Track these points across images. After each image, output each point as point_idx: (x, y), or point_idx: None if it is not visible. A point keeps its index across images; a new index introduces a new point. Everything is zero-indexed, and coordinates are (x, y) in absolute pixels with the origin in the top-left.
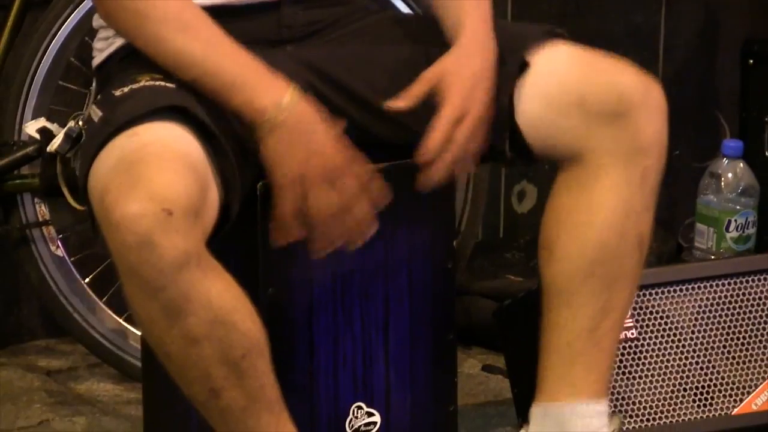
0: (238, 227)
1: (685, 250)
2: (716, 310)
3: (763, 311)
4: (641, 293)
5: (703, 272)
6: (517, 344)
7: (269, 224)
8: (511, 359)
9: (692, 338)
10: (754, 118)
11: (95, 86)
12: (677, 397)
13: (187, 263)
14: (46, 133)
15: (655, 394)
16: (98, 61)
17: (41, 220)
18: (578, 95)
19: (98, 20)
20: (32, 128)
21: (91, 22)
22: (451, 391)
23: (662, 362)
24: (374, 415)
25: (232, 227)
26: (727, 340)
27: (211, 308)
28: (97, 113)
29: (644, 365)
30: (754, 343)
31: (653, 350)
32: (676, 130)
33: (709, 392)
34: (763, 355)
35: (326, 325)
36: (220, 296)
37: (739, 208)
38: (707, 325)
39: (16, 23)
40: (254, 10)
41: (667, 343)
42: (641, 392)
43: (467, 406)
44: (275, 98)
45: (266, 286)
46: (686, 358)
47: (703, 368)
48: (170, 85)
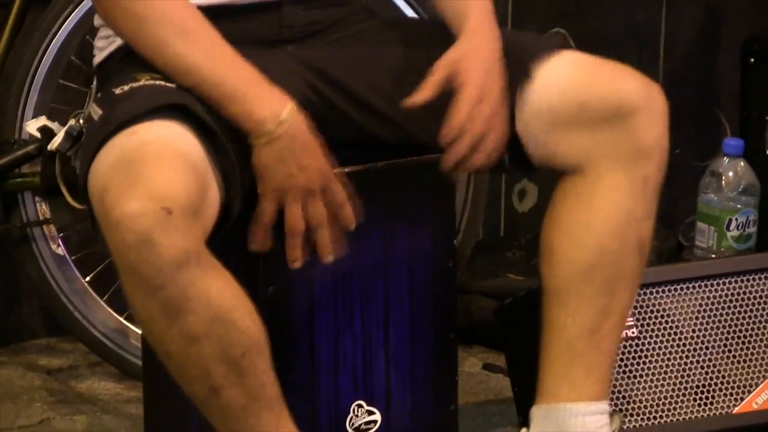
0: (239, 226)
1: (685, 248)
2: (717, 309)
3: (763, 310)
4: (642, 292)
5: (703, 271)
6: (517, 343)
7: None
8: (511, 358)
9: (693, 337)
10: (754, 116)
11: (96, 84)
12: (678, 395)
13: (186, 262)
14: (46, 131)
15: (655, 392)
16: (99, 59)
17: (42, 218)
18: (579, 104)
19: (99, 19)
20: (33, 127)
21: (91, 20)
22: (451, 389)
23: (663, 361)
24: (374, 413)
25: (233, 226)
26: (727, 339)
27: (210, 307)
28: (97, 112)
29: (645, 364)
30: (754, 342)
31: (654, 349)
32: (676, 128)
33: (709, 391)
34: (763, 354)
35: (327, 323)
36: (219, 294)
37: (739, 206)
38: (708, 323)
39: (16, 22)
40: (255, 9)
41: (667, 341)
42: (642, 391)
43: (468, 404)
44: (275, 111)
45: (267, 284)
46: (687, 356)
47: (703, 367)
48: (170, 84)
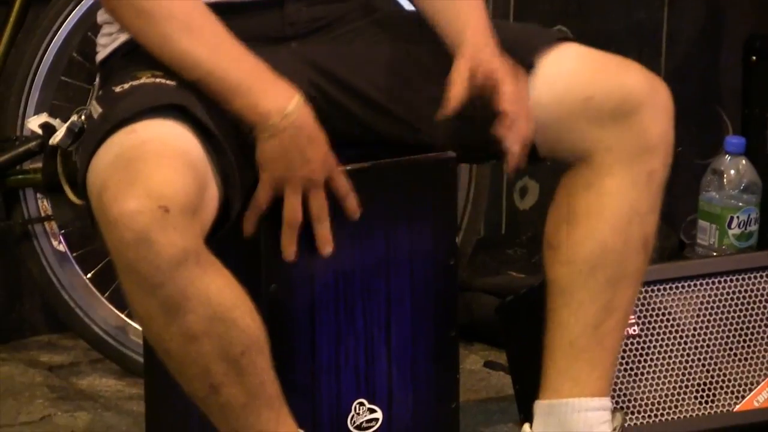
0: (240, 224)
1: (687, 246)
2: (718, 307)
3: (765, 308)
4: (643, 290)
5: (705, 269)
6: (519, 340)
7: (244, 214)
8: (513, 355)
9: (694, 335)
10: (756, 114)
11: (98, 81)
12: (679, 393)
13: (185, 260)
14: (48, 128)
15: (657, 390)
16: (102, 56)
17: (43, 215)
18: (585, 96)
19: (102, 15)
20: (34, 123)
21: (93, 17)
22: (452, 387)
23: (664, 359)
24: (376, 411)
25: (234, 224)
26: (729, 337)
27: (210, 305)
28: (97, 109)
29: (646, 362)
30: (756, 340)
31: (655, 347)
32: (678, 126)
33: (711, 389)
34: (765, 352)
35: (328, 322)
36: (219, 293)
37: (741, 204)
38: (709, 321)
39: (18, 19)
40: (258, 6)
41: (669, 339)
42: (643, 389)
43: (469, 402)
44: (280, 104)
45: (268, 283)
46: (688, 354)
47: (705, 365)
48: (171, 82)
